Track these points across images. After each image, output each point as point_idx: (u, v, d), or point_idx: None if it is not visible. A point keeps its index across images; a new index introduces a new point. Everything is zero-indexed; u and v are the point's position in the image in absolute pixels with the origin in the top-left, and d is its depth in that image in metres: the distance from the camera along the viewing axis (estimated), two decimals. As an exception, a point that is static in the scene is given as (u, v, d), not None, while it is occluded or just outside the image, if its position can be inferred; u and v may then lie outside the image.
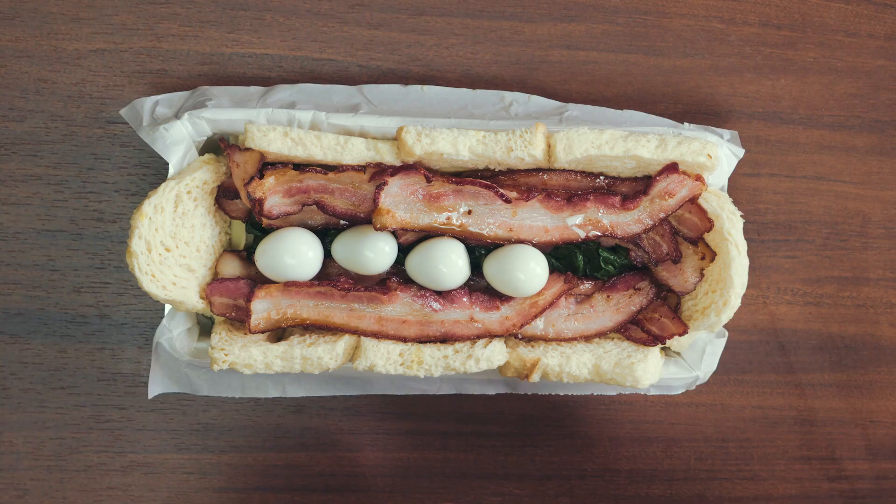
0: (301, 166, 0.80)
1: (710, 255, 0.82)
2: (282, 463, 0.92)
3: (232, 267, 0.82)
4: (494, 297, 0.81)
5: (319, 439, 0.93)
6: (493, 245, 0.82)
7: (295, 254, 0.78)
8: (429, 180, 0.78)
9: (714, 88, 0.95)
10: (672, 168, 0.80)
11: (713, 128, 0.87)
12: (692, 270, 0.83)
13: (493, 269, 0.81)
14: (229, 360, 0.78)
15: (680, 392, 0.90)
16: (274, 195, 0.77)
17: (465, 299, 0.80)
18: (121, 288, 0.89)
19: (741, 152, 0.86)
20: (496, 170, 0.82)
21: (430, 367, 0.80)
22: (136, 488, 0.90)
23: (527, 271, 0.80)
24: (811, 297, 0.97)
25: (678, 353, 0.88)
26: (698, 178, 0.80)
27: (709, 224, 0.81)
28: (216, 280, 0.80)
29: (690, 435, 0.97)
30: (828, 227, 0.97)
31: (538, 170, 0.82)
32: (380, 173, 0.78)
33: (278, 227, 0.80)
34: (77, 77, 0.88)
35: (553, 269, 0.84)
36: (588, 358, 0.82)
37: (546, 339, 0.84)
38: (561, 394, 0.92)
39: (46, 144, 0.88)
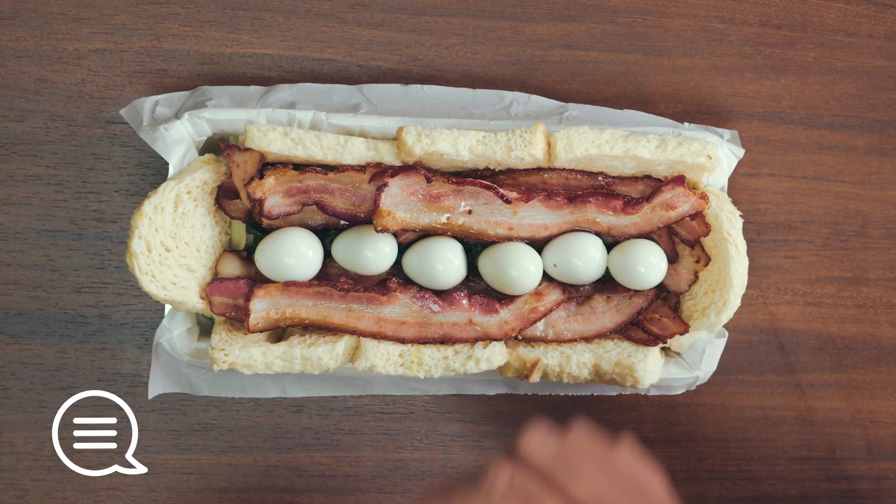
0: (301, 166, 0.80)
1: (704, 259, 0.83)
2: (282, 463, 0.92)
3: (232, 267, 0.82)
4: (493, 299, 0.81)
5: (319, 439, 0.93)
6: (491, 243, 0.82)
7: (295, 254, 0.78)
8: (429, 181, 0.78)
9: (714, 88, 0.95)
10: (678, 181, 0.80)
11: (713, 128, 0.87)
12: (687, 272, 0.84)
13: (488, 266, 0.81)
14: (229, 360, 0.78)
15: (680, 392, 0.90)
16: (274, 195, 0.77)
17: (464, 301, 0.80)
18: (121, 288, 0.89)
19: (741, 152, 0.86)
20: (496, 169, 0.82)
21: (430, 367, 0.80)
22: (136, 488, 0.90)
23: (520, 269, 0.80)
24: (811, 297, 0.97)
25: (678, 354, 0.88)
26: (703, 196, 0.80)
27: (706, 229, 0.81)
28: (216, 280, 0.80)
29: (690, 435, 0.97)
30: (828, 228, 0.97)
31: (538, 169, 0.82)
32: (380, 174, 0.78)
33: (278, 227, 0.80)
34: (77, 77, 0.88)
35: (553, 270, 0.84)
36: (588, 358, 0.83)
37: (546, 341, 0.84)
38: (561, 394, 0.92)
39: (46, 144, 0.88)
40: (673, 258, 0.83)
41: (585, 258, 0.81)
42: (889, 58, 0.98)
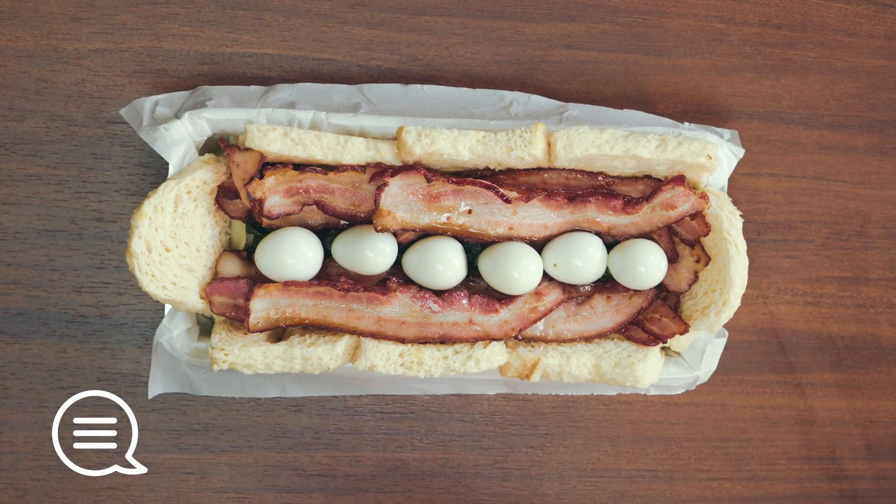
0: (301, 166, 0.80)
1: (704, 258, 0.82)
2: (282, 463, 0.92)
3: (232, 266, 0.82)
4: (493, 299, 0.81)
5: (319, 439, 0.93)
6: (491, 243, 0.82)
7: (295, 254, 0.78)
8: (429, 180, 0.78)
9: (714, 88, 0.95)
10: (679, 180, 0.80)
11: (713, 127, 0.87)
12: (687, 271, 0.84)
13: (489, 266, 0.81)
14: (229, 360, 0.78)
15: (680, 392, 0.90)
16: (274, 195, 0.77)
17: (464, 301, 0.80)
18: (121, 288, 0.89)
19: (741, 152, 0.86)
20: (496, 169, 0.82)
21: (430, 367, 0.80)
22: (136, 488, 0.90)
23: (521, 269, 0.80)
24: (811, 297, 0.97)
25: (678, 353, 0.88)
26: (703, 195, 0.80)
27: (706, 229, 0.81)
28: (216, 279, 0.80)
29: (690, 435, 0.97)
30: (828, 227, 0.97)
31: (538, 169, 0.82)
32: (380, 174, 0.78)
33: (278, 227, 0.80)
34: (77, 77, 0.88)
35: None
36: (588, 358, 0.83)
37: (546, 340, 0.84)
38: (561, 394, 0.92)
39: (46, 144, 0.88)
40: (673, 258, 0.83)
41: (585, 258, 0.81)
42: (889, 58, 0.98)
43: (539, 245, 0.83)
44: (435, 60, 0.92)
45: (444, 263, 0.79)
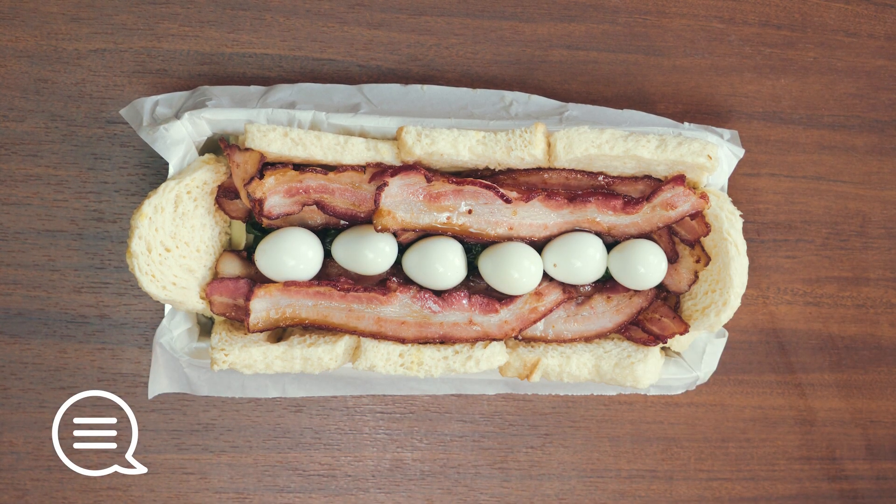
0: (301, 166, 0.80)
1: (704, 259, 0.82)
2: (282, 463, 0.92)
3: (232, 266, 0.82)
4: (493, 299, 0.81)
5: (319, 439, 0.93)
6: (491, 243, 0.82)
7: (295, 254, 0.78)
8: (429, 180, 0.78)
9: (714, 88, 0.95)
10: (679, 180, 0.80)
11: (713, 127, 0.87)
12: (687, 271, 0.84)
13: (489, 266, 0.81)
14: (229, 360, 0.78)
15: (680, 392, 0.90)
16: (274, 195, 0.77)
17: (464, 301, 0.80)
18: (121, 288, 0.89)
19: (741, 152, 0.86)
20: (496, 169, 0.82)
21: (431, 368, 0.80)
22: (136, 488, 0.90)
23: (521, 269, 0.80)
24: (811, 297, 0.97)
25: (678, 353, 0.88)
26: (703, 195, 0.80)
27: (706, 229, 0.81)
28: (216, 279, 0.80)
29: (690, 435, 0.97)
30: (828, 227, 0.97)
31: (538, 169, 0.82)
32: (380, 174, 0.78)
33: (278, 227, 0.80)
34: (77, 77, 0.88)
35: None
36: (588, 358, 0.83)
37: (546, 341, 0.84)
38: (561, 394, 0.92)
39: (46, 144, 0.88)
40: (673, 258, 0.83)
41: (585, 258, 0.81)
42: (889, 58, 0.98)
43: (539, 245, 0.83)
44: (435, 60, 0.92)
45: (444, 263, 0.79)
